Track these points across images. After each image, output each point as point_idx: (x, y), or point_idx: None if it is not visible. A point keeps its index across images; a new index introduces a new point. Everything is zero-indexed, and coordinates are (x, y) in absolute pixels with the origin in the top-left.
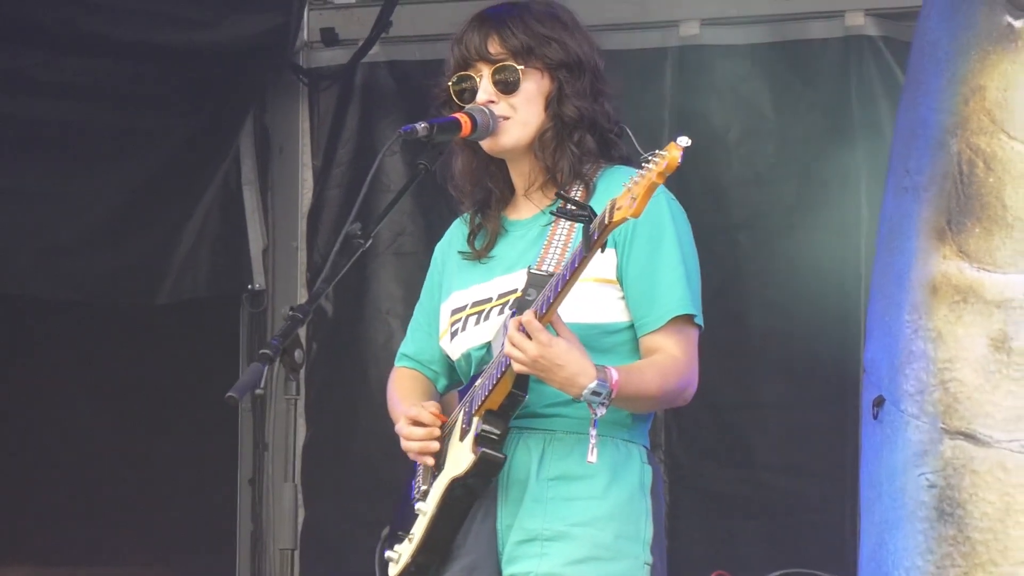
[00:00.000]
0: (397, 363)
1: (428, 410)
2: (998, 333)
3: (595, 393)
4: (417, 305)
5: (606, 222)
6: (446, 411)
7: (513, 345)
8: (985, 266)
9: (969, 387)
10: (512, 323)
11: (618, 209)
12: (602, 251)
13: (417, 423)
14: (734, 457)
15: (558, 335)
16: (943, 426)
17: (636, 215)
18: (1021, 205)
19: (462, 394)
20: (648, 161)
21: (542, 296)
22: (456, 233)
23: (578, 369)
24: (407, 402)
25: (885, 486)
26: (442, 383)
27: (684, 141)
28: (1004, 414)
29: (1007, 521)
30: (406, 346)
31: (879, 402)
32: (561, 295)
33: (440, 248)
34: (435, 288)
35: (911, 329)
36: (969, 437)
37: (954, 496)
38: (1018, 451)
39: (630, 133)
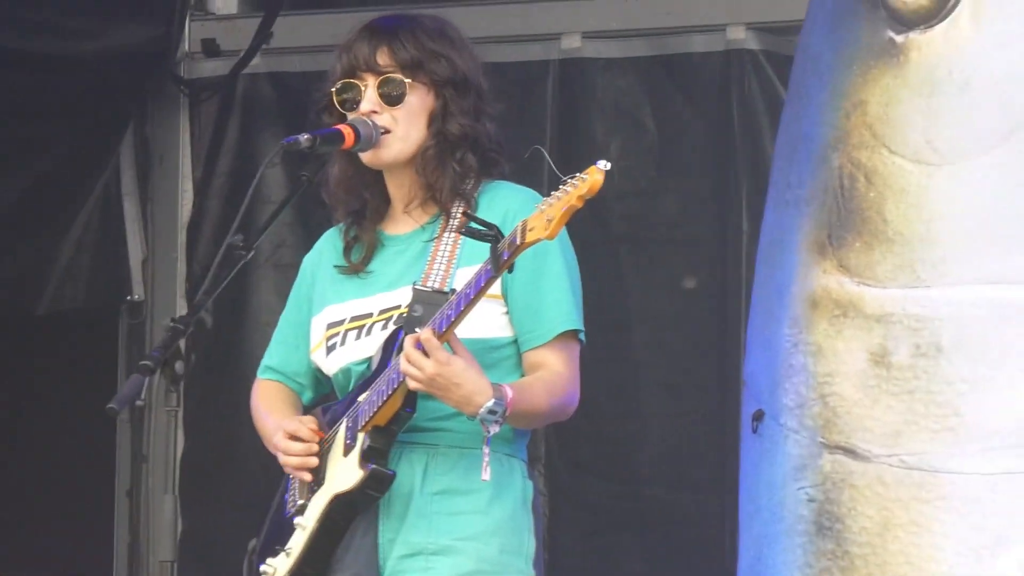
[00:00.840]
0: (260, 375)
1: (307, 425)
2: (878, 348)
3: (491, 412)
4: (282, 316)
5: (518, 243)
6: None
7: (410, 363)
8: (865, 280)
9: (848, 401)
10: (409, 340)
11: (531, 230)
12: (509, 271)
13: (295, 438)
14: (614, 470)
15: (455, 353)
16: (822, 440)
17: (551, 237)
18: (902, 220)
19: (335, 409)
20: (566, 183)
21: (440, 314)
22: (327, 245)
23: (475, 388)
24: (276, 415)
25: (764, 500)
26: (307, 396)
27: (604, 165)
28: (883, 429)
29: (886, 536)
30: (270, 358)
31: (759, 416)
32: (463, 314)
33: (309, 259)
34: (303, 300)
35: (791, 343)
36: (848, 451)
37: (833, 510)
38: (897, 466)
39: (547, 156)
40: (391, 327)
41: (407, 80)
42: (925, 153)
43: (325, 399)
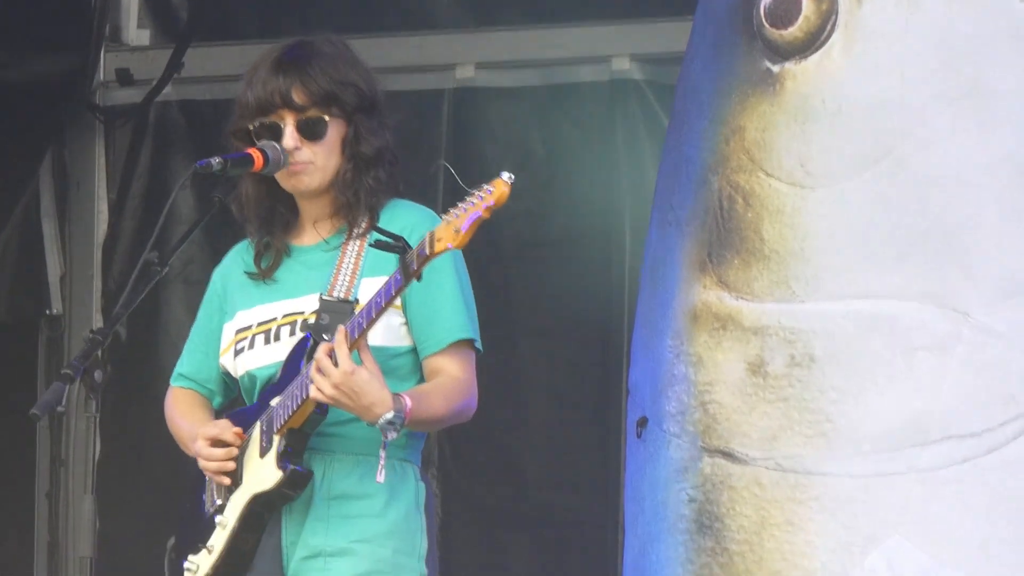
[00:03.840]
0: (174, 383)
1: (229, 429)
2: (755, 358)
3: (390, 423)
4: (193, 326)
5: (427, 252)
6: None
7: (319, 371)
8: (743, 295)
9: (727, 408)
10: (322, 348)
11: (439, 240)
12: (418, 280)
13: (218, 442)
14: (504, 474)
15: (363, 363)
16: (703, 444)
17: (459, 246)
18: (777, 238)
19: (244, 414)
20: (472, 195)
21: (352, 322)
22: (237, 257)
23: (376, 399)
24: (191, 420)
25: (647, 500)
26: (217, 401)
27: (509, 177)
28: (760, 434)
29: (762, 534)
30: (182, 366)
31: (642, 422)
32: (374, 321)
33: (219, 271)
34: (214, 310)
35: (673, 354)
36: (727, 455)
37: (713, 510)
38: (773, 468)
39: (452, 170)
40: (298, 333)
41: (326, 117)
42: (799, 176)
43: (233, 404)
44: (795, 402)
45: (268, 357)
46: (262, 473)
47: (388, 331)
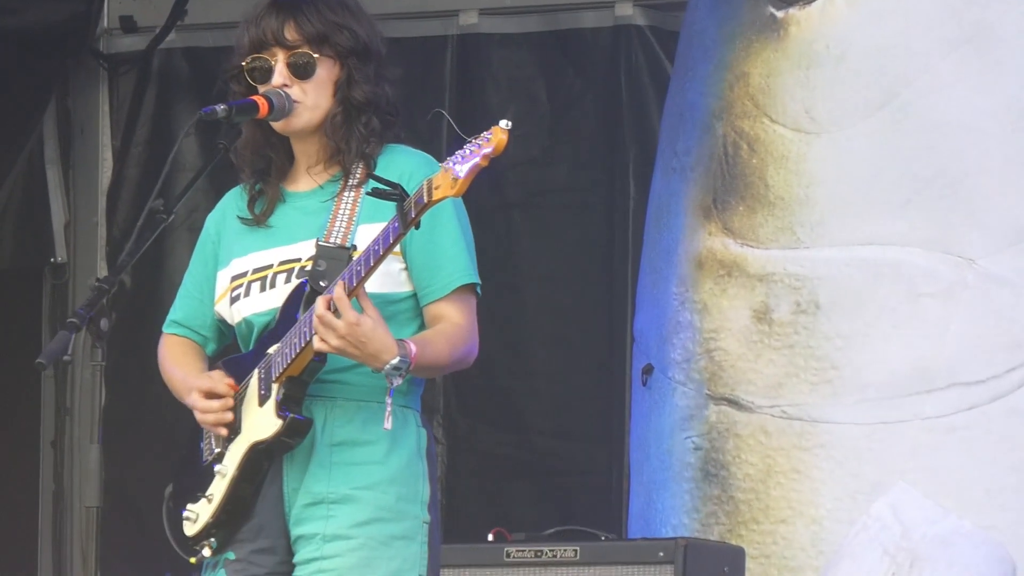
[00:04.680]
0: (166, 329)
1: (222, 381)
2: (760, 305)
3: (395, 368)
4: (187, 272)
5: (425, 200)
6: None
7: (322, 323)
8: (748, 242)
9: (732, 356)
10: (321, 301)
11: (436, 188)
12: (416, 228)
13: (212, 394)
14: (508, 421)
15: (364, 311)
16: (708, 392)
17: (458, 194)
18: (782, 185)
19: (240, 360)
20: (471, 143)
21: (350, 269)
22: (230, 203)
23: (382, 346)
24: (183, 368)
25: (653, 448)
26: (211, 348)
27: (506, 124)
28: (765, 381)
29: (768, 482)
30: (175, 312)
31: (648, 370)
32: (372, 269)
33: (212, 218)
34: (208, 256)
35: (678, 301)
36: (732, 403)
37: (718, 458)
38: (778, 416)
39: (450, 119)
40: (294, 280)
41: (315, 55)
42: (804, 122)
43: (227, 351)
44: (800, 349)
45: (265, 304)
46: (261, 421)
47: (387, 277)
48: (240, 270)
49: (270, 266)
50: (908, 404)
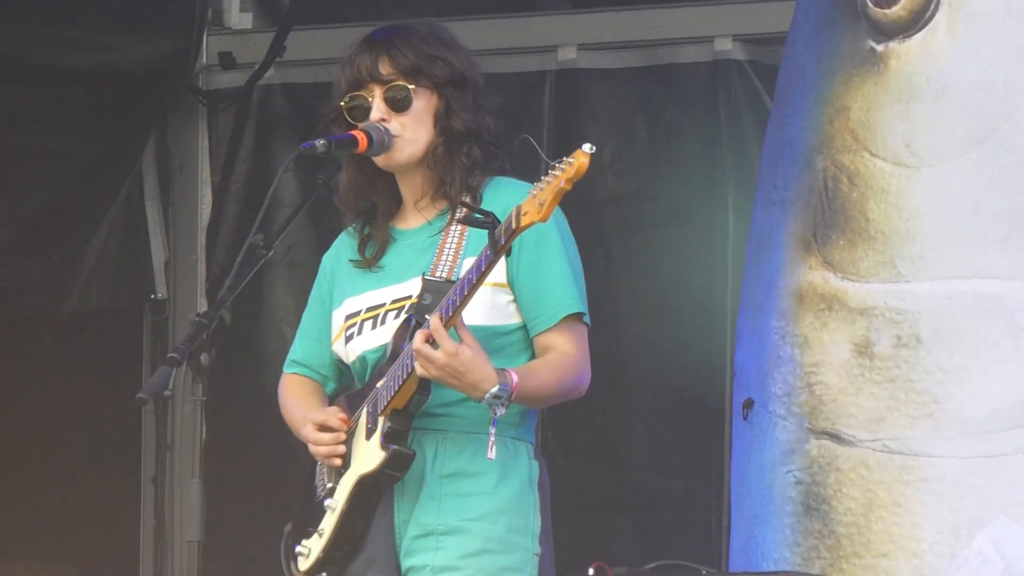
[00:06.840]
0: (287, 369)
1: (335, 415)
2: (861, 339)
3: (496, 397)
4: (305, 312)
5: (513, 227)
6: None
7: (421, 356)
8: (849, 276)
9: (833, 390)
10: (419, 336)
11: (525, 214)
12: (507, 255)
13: (325, 428)
14: (606, 457)
15: (462, 340)
16: (809, 426)
17: (544, 219)
18: (882, 218)
19: (355, 396)
20: (555, 168)
21: (446, 300)
22: (344, 244)
23: (481, 376)
24: (303, 407)
25: (754, 483)
26: (331, 387)
27: (589, 148)
28: (866, 415)
29: (870, 516)
30: (295, 352)
31: (748, 404)
32: (467, 299)
33: (328, 258)
34: (324, 296)
35: (779, 335)
36: (833, 437)
37: (820, 492)
38: (880, 450)
39: (534, 142)
40: (404, 316)
41: (411, 86)
42: (904, 156)
43: (347, 389)
44: (902, 383)
45: (376, 340)
46: (367, 455)
47: (494, 310)
48: (354, 309)
49: (382, 304)
50: (1008, 438)
